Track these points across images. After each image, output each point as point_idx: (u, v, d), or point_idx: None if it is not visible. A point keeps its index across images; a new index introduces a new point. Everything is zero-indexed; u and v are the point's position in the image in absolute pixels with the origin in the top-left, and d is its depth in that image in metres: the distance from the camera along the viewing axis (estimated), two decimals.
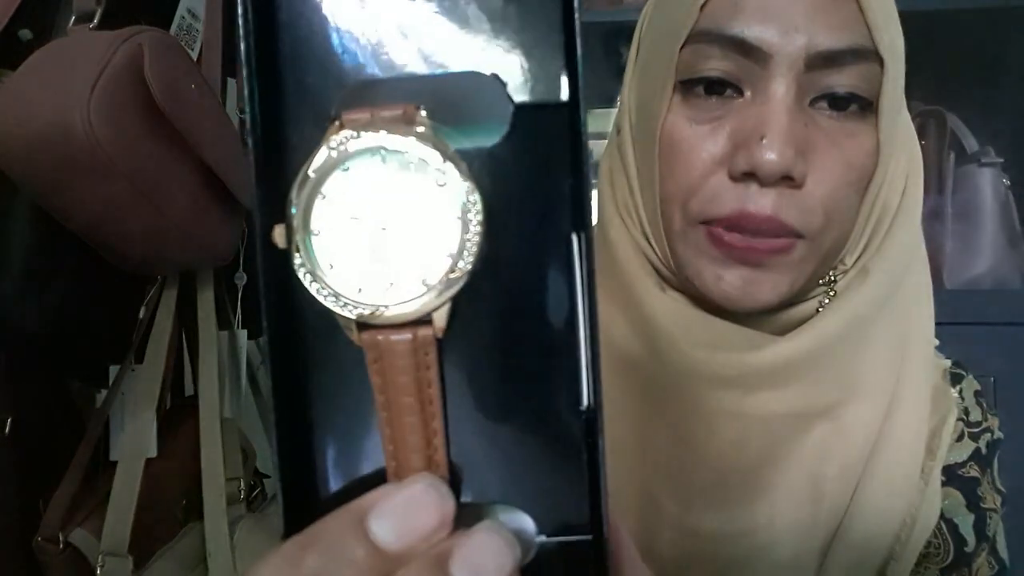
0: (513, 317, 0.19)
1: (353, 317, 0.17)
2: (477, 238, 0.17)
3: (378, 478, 0.18)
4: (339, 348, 0.18)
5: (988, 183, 1.20)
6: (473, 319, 0.18)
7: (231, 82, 0.94)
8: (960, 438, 0.50)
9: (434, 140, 0.17)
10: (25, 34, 0.67)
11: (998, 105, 1.25)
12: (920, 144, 0.49)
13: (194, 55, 0.79)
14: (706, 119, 0.43)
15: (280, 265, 0.18)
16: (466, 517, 0.17)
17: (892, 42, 0.42)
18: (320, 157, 0.17)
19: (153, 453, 0.74)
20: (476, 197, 0.17)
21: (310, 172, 0.17)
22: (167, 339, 0.76)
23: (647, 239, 0.48)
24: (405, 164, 0.17)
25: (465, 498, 0.19)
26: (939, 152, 1.22)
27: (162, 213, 0.64)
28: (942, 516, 0.47)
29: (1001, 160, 1.20)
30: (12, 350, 0.70)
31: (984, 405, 0.52)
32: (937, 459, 0.47)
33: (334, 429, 0.19)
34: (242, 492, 0.82)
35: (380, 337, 0.17)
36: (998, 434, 0.51)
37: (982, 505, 0.48)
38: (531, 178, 0.18)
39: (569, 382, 0.19)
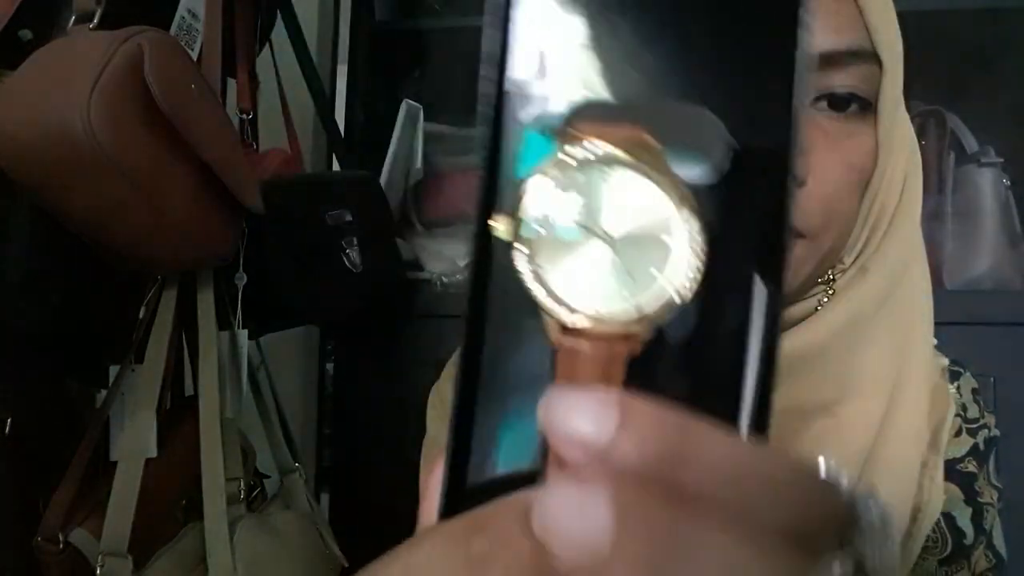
0: (691, 350, 0.19)
1: (567, 323, 0.17)
2: (697, 275, 0.17)
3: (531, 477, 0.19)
4: (526, 341, 0.19)
5: (988, 183, 1.20)
6: (659, 345, 0.19)
7: (231, 82, 0.94)
8: (958, 434, 0.51)
9: (665, 166, 0.17)
10: (25, 34, 0.67)
11: (998, 105, 1.25)
12: (920, 144, 0.50)
13: (194, 55, 0.79)
14: None
15: (488, 255, 0.19)
16: None
17: (891, 44, 0.43)
18: (555, 161, 0.17)
19: (153, 453, 0.74)
20: (702, 234, 0.17)
21: (540, 177, 0.17)
22: (167, 339, 0.76)
23: None
24: (635, 182, 0.17)
25: None
26: (939, 152, 1.21)
27: (162, 213, 0.64)
28: (941, 510, 0.48)
29: (1001, 160, 1.20)
30: (12, 350, 0.70)
31: (981, 403, 0.53)
32: (940, 454, 0.48)
33: (504, 418, 0.20)
34: (242, 492, 0.82)
35: (579, 347, 0.18)
36: (995, 431, 0.52)
37: (979, 499, 0.49)
38: (736, 220, 0.19)
39: (740, 405, 0.19)
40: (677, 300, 0.17)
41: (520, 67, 0.20)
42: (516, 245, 0.18)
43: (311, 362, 1.34)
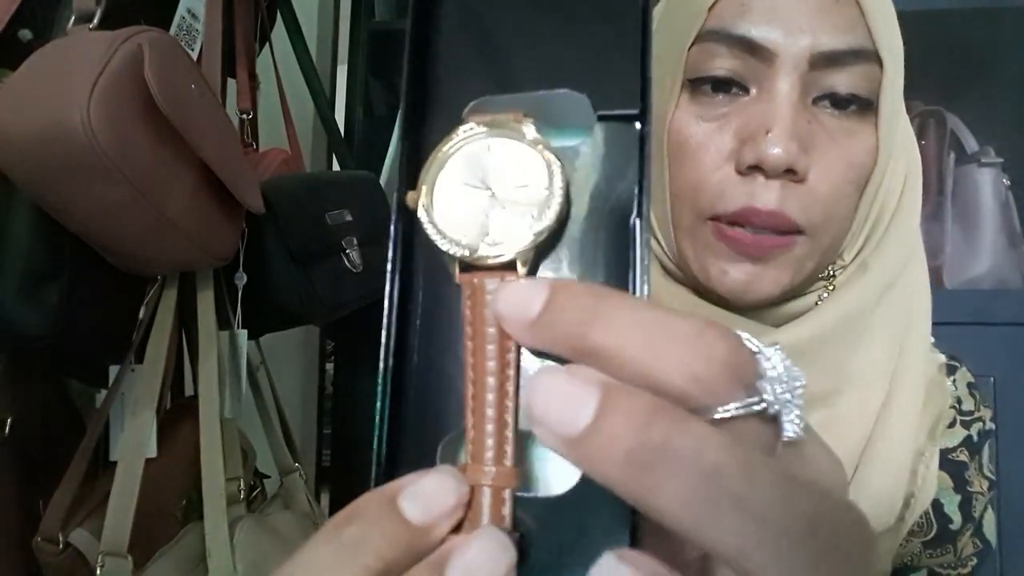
0: (581, 279, 0.23)
1: (456, 255, 0.22)
2: (557, 205, 0.22)
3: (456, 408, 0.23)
4: (444, 292, 0.24)
5: (988, 183, 1.20)
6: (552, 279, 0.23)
7: (231, 82, 0.94)
8: (952, 425, 0.52)
9: (533, 134, 0.22)
10: (25, 34, 0.67)
11: (998, 105, 1.25)
12: (920, 144, 0.51)
13: (194, 55, 0.79)
14: (713, 116, 0.44)
15: (408, 226, 0.24)
16: (522, 442, 0.21)
17: (891, 44, 0.44)
18: (447, 142, 0.23)
19: (153, 453, 0.74)
20: (560, 174, 0.22)
21: (438, 153, 0.23)
22: (167, 339, 0.76)
23: (653, 234, 0.49)
24: (510, 148, 0.22)
25: (527, 423, 0.21)
26: (939, 152, 1.22)
27: (162, 213, 0.64)
28: None
29: (1001, 160, 1.20)
30: (12, 350, 0.70)
31: (977, 396, 0.54)
32: (937, 445, 0.50)
33: (431, 365, 0.24)
34: (242, 492, 0.82)
35: (475, 279, 0.22)
36: (989, 425, 0.53)
37: (968, 488, 0.51)
38: (606, 173, 0.23)
39: None
40: (545, 227, 0.22)
41: (432, 68, 0.25)
42: (420, 206, 0.22)
43: (311, 362, 1.34)
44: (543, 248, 0.22)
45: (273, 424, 0.92)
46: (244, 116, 0.96)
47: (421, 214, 0.22)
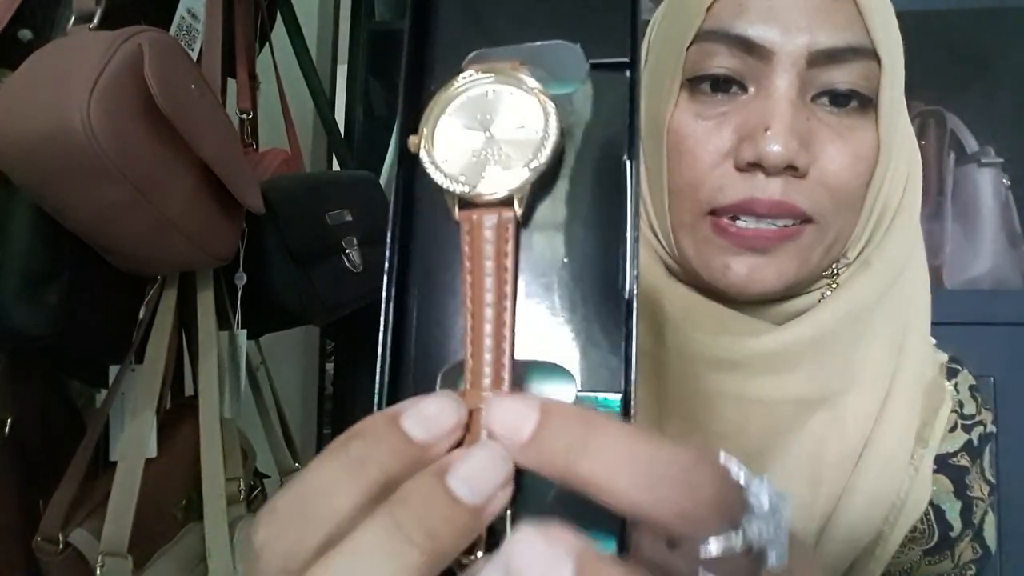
0: (576, 219, 0.24)
1: (456, 192, 0.23)
2: (552, 145, 0.23)
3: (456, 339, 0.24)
4: (443, 231, 0.25)
5: (988, 183, 1.20)
6: (545, 220, 0.24)
7: (231, 82, 0.94)
8: (953, 429, 0.51)
9: (530, 81, 0.24)
10: (25, 34, 0.67)
11: (998, 105, 1.25)
12: (920, 144, 0.51)
13: (194, 55, 0.79)
14: (712, 115, 0.44)
15: (410, 168, 0.25)
16: (517, 371, 0.23)
17: (889, 42, 0.44)
18: (449, 86, 0.24)
19: (153, 453, 0.74)
20: (555, 117, 0.23)
21: (439, 98, 0.24)
22: (167, 339, 0.76)
23: (654, 233, 0.49)
24: (509, 94, 0.24)
25: (522, 352, 0.23)
26: (939, 152, 1.22)
27: (162, 213, 0.64)
28: (930, 502, 0.49)
29: (1001, 160, 1.20)
30: (12, 350, 0.70)
31: (979, 399, 0.54)
32: (928, 448, 0.49)
33: (432, 298, 0.25)
34: (242, 492, 0.82)
35: (474, 216, 0.23)
36: (990, 428, 0.53)
37: (969, 493, 0.50)
38: (599, 118, 0.25)
39: (612, 267, 0.24)
40: (539, 164, 0.23)
41: (433, 22, 0.26)
42: (422, 148, 0.24)
43: (311, 362, 1.34)
44: (538, 186, 0.24)
45: (273, 424, 0.92)
46: (244, 116, 0.96)
47: (422, 155, 0.24)
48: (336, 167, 1.28)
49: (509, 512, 0.21)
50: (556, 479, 0.20)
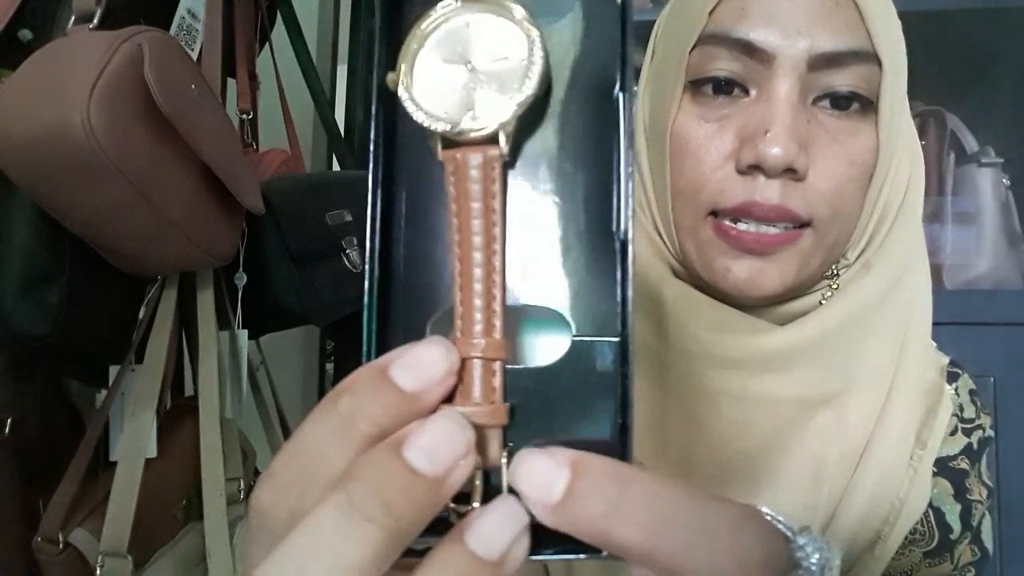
0: (566, 156, 0.23)
1: (438, 130, 0.22)
2: (537, 75, 0.22)
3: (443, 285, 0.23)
4: (427, 173, 0.24)
5: (988, 183, 1.20)
6: (535, 157, 0.23)
7: (231, 82, 0.94)
8: (953, 432, 0.52)
9: (513, 7, 0.22)
10: (25, 34, 0.67)
11: (998, 105, 1.25)
12: (920, 144, 0.51)
13: (194, 55, 0.79)
14: (714, 117, 0.45)
15: (389, 107, 0.23)
16: (509, 317, 0.22)
17: (891, 45, 0.44)
18: (426, 19, 0.23)
19: (153, 453, 0.74)
20: (539, 45, 0.22)
21: (416, 31, 0.23)
22: (167, 339, 0.76)
23: (658, 233, 0.50)
24: (489, 22, 0.22)
25: (513, 297, 0.22)
26: (939, 152, 1.22)
27: (162, 213, 0.64)
28: (930, 504, 0.49)
29: (1001, 160, 1.20)
30: (12, 350, 0.70)
31: (978, 403, 0.54)
32: (928, 450, 0.49)
33: (418, 244, 0.24)
34: (242, 492, 0.82)
35: (458, 155, 0.22)
36: (989, 432, 0.53)
37: (969, 496, 0.51)
38: (588, 48, 0.23)
39: (606, 206, 0.23)
40: (524, 95, 0.21)
41: None
42: (400, 85, 0.22)
43: (311, 362, 1.34)
44: (525, 121, 0.22)
45: (273, 424, 0.92)
46: (244, 116, 0.96)
47: (401, 92, 0.22)
48: (336, 167, 1.28)
49: (505, 461, 0.21)
50: (592, 543, 0.19)
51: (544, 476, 0.19)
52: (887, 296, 0.48)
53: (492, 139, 0.22)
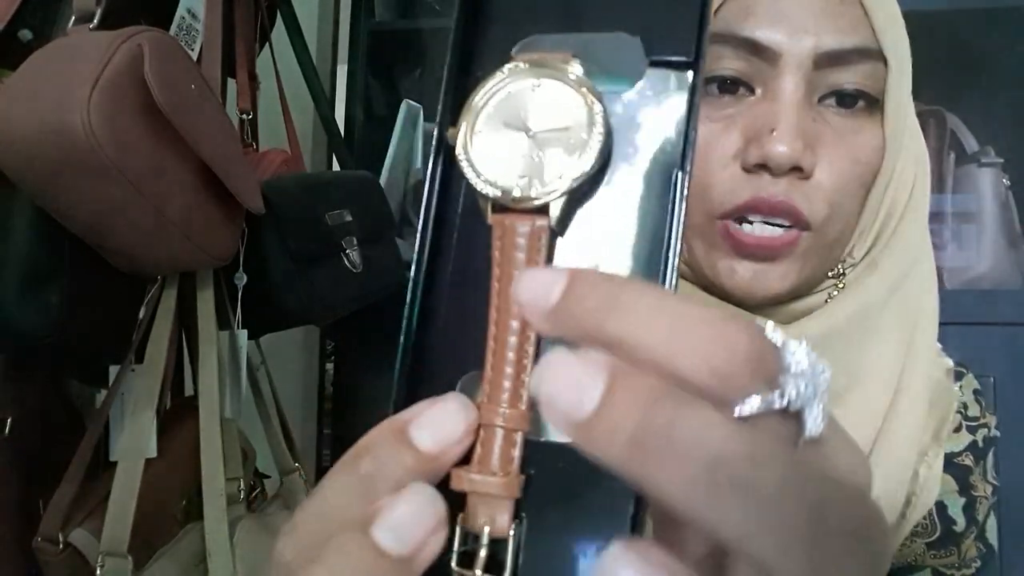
0: (615, 231, 0.23)
1: (490, 195, 0.22)
2: (596, 150, 0.21)
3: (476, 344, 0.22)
4: (479, 230, 0.23)
5: (988, 183, 1.20)
6: (583, 229, 0.23)
7: (231, 82, 0.94)
8: (958, 429, 0.52)
9: (579, 76, 0.22)
10: (25, 34, 0.67)
11: (998, 105, 1.25)
12: None
13: (194, 55, 0.79)
14: (720, 116, 0.45)
15: (447, 161, 0.24)
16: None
17: (896, 43, 0.44)
18: (491, 80, 0.23)
19: (153, 453, 0.74)
20: (602, 118, 0.21)
21: (481, 90, 0.23)
22: (167, 339, 0.76)
23: None
24: (554, 89, 0.22)
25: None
26: (939, 152, 1.22)
27: (162, 213, 0.64)
28: None
29: (1001, 160, 1.20)
30: (12, 350, 0.70)
31: (983, 403, 0.55)
32: (941, 446, 0.49)
33: (458, 302, 0.24)
34: (242, 492, 0.82)
35: (507, 221, 0.22)
36: (994, 432, 0.54)
37: (972, 492, 0.51)
38: (652, 123, 0.23)
39: (652, 281, 0.23)
40: (581, 172, 0.21)
41: (485, 6, 0.25)
42: (459, 144, 0.22)
43: (311, 362, 1.34)
44: (578, 194, 0.22)
45: (273, 424, 0.92)
46: (244, 116, 0.96)
47: (459, 152, 0.22)
48: (336, 167, 1.28)
49: (512, 533, 0.21)
50: (585, 343, 0.19)
51: (544, 282, 0.19)
52: (893, 294, 0.48)
53: (542, 209, 0.22)
